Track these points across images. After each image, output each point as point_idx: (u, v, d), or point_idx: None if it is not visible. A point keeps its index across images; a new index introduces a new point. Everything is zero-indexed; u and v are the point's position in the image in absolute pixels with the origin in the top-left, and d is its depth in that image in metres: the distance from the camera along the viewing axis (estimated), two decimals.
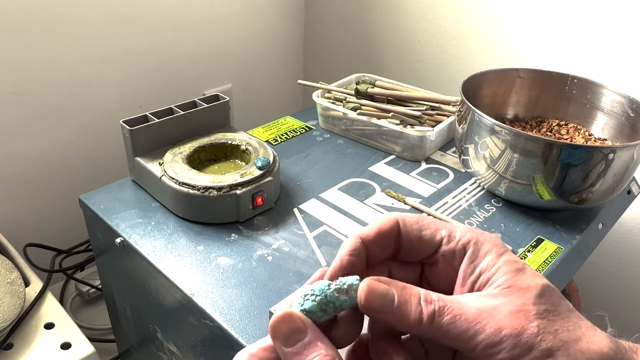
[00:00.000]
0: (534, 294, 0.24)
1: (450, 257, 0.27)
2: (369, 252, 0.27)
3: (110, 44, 0.97)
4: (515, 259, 0.26)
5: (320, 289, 0.25)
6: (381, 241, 0.27)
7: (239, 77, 1.24)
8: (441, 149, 0.85)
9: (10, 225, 0.93)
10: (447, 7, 1.06)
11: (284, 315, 0.23)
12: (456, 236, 0.27)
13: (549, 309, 0.24)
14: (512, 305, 0.23)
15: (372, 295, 0.24)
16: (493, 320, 0.23)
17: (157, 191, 0.69)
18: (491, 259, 0.25)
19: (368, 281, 0.24)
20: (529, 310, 0.23)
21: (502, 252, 0.26)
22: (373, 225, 0.27)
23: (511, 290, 0.24)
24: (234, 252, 0.62)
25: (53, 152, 0.96)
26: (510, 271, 0.25)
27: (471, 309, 0.24)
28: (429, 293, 0.25)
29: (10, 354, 0.63)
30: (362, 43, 1.25)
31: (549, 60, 0.96)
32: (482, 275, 0.25)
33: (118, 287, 0.74)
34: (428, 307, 0.24)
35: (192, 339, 0.60)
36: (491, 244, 0.26)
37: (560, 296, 0.25)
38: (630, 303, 1.03)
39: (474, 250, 0.26)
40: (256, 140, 0.74)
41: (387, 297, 0.24)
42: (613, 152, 0.61)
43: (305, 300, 0.25)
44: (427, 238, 0.27)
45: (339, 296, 0.25)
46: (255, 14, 1.20)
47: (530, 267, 0.26)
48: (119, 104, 1.02)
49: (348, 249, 0.27)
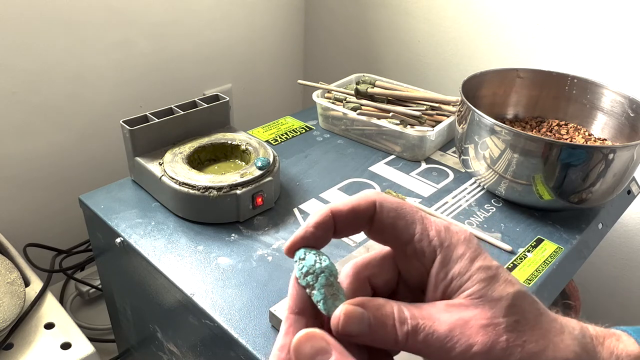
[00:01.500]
0: (504, 305, 0.24)
1: (420, 255, 0.26)
2: (337, 226, 0.26)
3: (110, 44, 0.97)
4: (488, 264, 0.25)
5: (318, 293, 0.25)
6: (353, 219, 0.26)
7: (239, 77, 1.24)
8: (441, 149, 0.85)
9: (10, 225, 0.93)
10: (447, 7, 1.06)
11: (306, 336, 0.23)
12: (429, 234, 0.26)
13: (519, 319, 0.24)
14: (482, 319, 0.24)
15: (349, 323, 0.24)
16: (464, 337, 0.23)
17: (157, 191, 0.69)
18: (463, 265, 0.25)
19: (344, 308, 0.24)
20: (499, 324, 0.24)
21: (476, 256, 0.25)
22: (349, 200, 0.26)
23: (482, 301, 0.24)
24: (234, 252, 0.62)
25: (53, 152, 0.96)
26: (483, 279, 0.24)
27: (443, 324, 0.24)
28: (402, 310, 0.24)
29: (10, 354, 0.63)
30: (362, 43, 1.25)
31: (549, 60, 0.96)
32: (454, 281, 0.25)
33: (118, 287, 0.74)
34: (402, 328, 0.24)
35: (192, 339, 0.60)
36: (464, 248, 0.25)
37: (532, 301, 0.25)
38: (630, 303, 1.03)
39: (446, 254, 0.25)
40: (256, 140, 0.74)
41: (362, 322, 0.24)
42: (613, 152, 0.61)
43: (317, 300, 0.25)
44: (400, 229, 0.26)
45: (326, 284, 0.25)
46: (255, 14, 1.20)
47: (504, 272, 0.25)
48: (119, 104, 1.02)
49: (315, 221, 0.26)
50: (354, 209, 0.26)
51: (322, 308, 0.25)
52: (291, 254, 0.26)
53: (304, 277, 0.25)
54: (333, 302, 0.25)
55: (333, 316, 0.24)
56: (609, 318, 1.10)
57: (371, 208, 0.26)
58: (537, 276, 0.60)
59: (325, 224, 0.26)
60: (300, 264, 0.26)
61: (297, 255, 0.26)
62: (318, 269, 0.25)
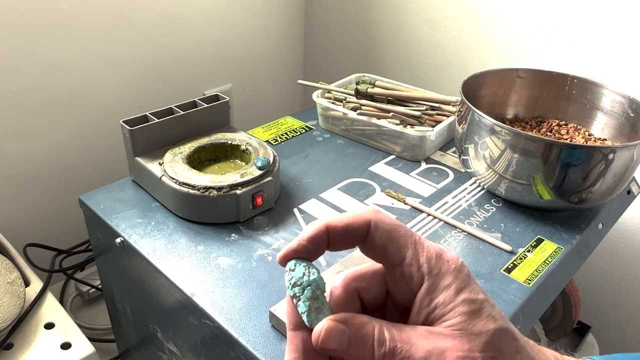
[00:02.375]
0: (483, 340, 0.24)
1: (408, 278, 0.26)
2: (330, 241, 0.27)
3: (110, 44, 0.97)
4: (473, 298, 0.25)
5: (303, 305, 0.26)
6: (346, 236, 0.27)
7: (239, 77, 1.24)
8: (441, 149, 0.85)
9: (10, 225, 0.93)
10: (447, 7, 1.06)
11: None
12: (419, 260, 0.26)
13: (495, 356, 0.24)
14: (459, 351, 0.24)
15: (328, 338, 0.25)
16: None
17: (157, 191, 0.69)
18: (448, 295, 0.25)
19: (326, 323, 0.25)
20: (474, 358, 0.24)
21: (462, 288, 0.25)
22: (345, 217, 0.27)
23: (462, 334, 0.24)
24: (234, 252, 0.62)
25: (53, 152, 0.96)
26: (465, 313, 0.25)
27: (420, 350, 0.24)
28: (382, 331, 0.25)
29: (10, 354, 0.63)
30: (362, 43, 1.25)
31: (549, 60, 0.96)
32: (437, 309, 0.25)
33: (118, 287, 0.74)
34: (380, 350, 0.25)
35: (192, 339, 0.60)
36: (452, 278, 0.25)
37: (511, 339, 0.25)
38: (630, 303, 1.03)
39: (433, 282, 0.26)
40: (256, 140, 0.74)
41: (342, 339, 0.25)
42: (613, 152, 0.61)
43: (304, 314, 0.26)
44: (391, 251, 0.26)
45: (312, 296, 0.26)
46: (255, 14, 1.20)
47: (488, 306, 0.25)
48: (119, 104, 1.02)
49: (308, 235, 0.26)
50: (349, 227, 0.26)
51: (305, 320, 0.26)
52: (283, 264, 0.27)
53: (291, 288, 0.26)
54: (317, 316, 0.26)
55: (314, 330, 0.25)
56: (609, 318, 1.11)
57: (365, 227, 0.26)
58: (537, 276, 0.60)
59: (319, 238, 0.26)
60: (289, 275, 0.26)
61: (288, 266, 0.27)
62: (305, 281, 0.26)
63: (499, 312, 0.26)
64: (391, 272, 0.27)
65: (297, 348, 0.26)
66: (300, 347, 0.26)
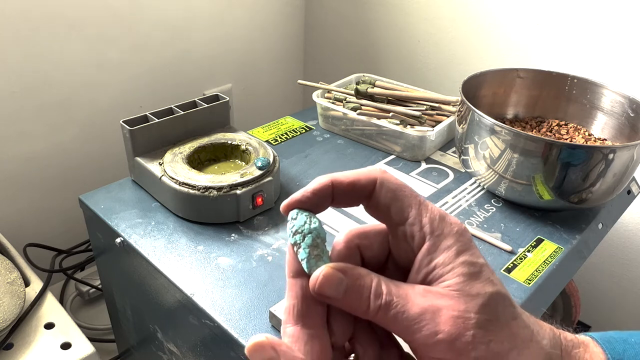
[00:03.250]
0: (479, 302, 0.24)
1: (410, 238, 0.26)
2: (335, 197, 0.27)
3: (110, 44, 0.97)
4: (473, 260, 0.25)
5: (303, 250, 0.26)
6: (351, 192, 0.27)
7: (239, 77, 1.24)
8: (441, 149, 0.85)
9: (10, 225, 0.93)
10: (446, 8, 1.06)
11: (254, 346, 0.23)
12: (422, 220, 0.26)
13: (490, 318, 0.24)
14: (454, 311, 0.24)
15: (326, 284, 0.25)
16: (432, 323, 0.24)
17: (157, 191, 0.69)
18: (448, 256, 0.25)
19: (325, 269, 0.25)
20: (470, 318, 0.24)
21: (463, 250, 0.25)
22: (351, 173, 0.27)
23: (459, 295, 0.24)
24: (234, 252, 0.62)
25: (53, 152, 0.96)
26: (464, 274, 0.25)
27: (415, 307, 0.24)
28: (380, 284, 0.25)
29: (10, 354, 0.64)
30: (362, 43, 1.25)
31: (549, 60, 0.96)
32: (436, 270, 0.25)
33: (118, 287, 0.74)
34: (376, 302, 0.25)
35: (192, 339, 0.60)
36: (453, 240, 0.25)
37: (508, 304, 0.25)
38: (630, 303, 1.03)
39: (434, 242, 0.26)
40: (256, 140, 0.74)
41: (340, 287, 0.25)
42: (613, 152, 0.61)
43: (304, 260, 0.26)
44: (395, 210, 0.26)
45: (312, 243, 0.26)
46: (255, 14, 1.20)
47: (487, 270, 0.26)
48: (119, 104, 1.02)
49: (313, 188, 0.27)
50: (354, 183, 0.26)
51: (305, 267, 0.26)
52: (286, 213, 0.27)
53: (292, 235, 0.26)
54: (316, 262, 0.26)
55: (312, 276, 0.25)
56: (609, 318, 1.11)
57: (371, 185, 0.26)
58: (537, 276, 0.60)
59: (323, 191, 0.26)
60: (291, 223, 0.27)
61: (290, 215, 0.27)
62: (307, 229, 0.26)
63: (497, 278, 0.26)
64: (394, 231, 0.27)
65: (296, 295, 0.26)
66: (300, 294, 0.26)
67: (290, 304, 0.26)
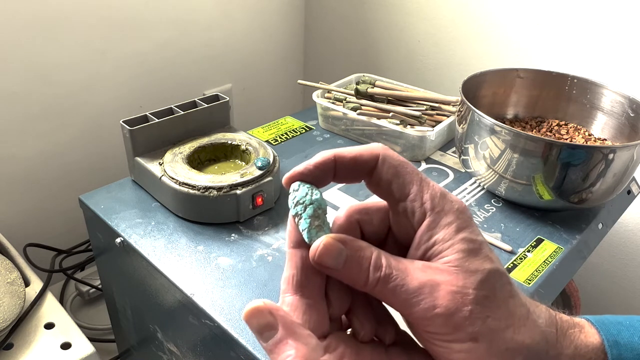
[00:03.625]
0: (478, 278, 0.24)
1: (410, 214, 0.26)
2: (337, 171, 0.27)
3: (110, 44, 0.97)
4: (472, 237, 0.25)
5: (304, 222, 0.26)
6: (353, 167, 0.27)
7: (239, 77, 1.24)
8: (441, 149, 0.85)
9: (10, 225, 0.93)
10: (446, 8, 1.06)
11: (252, 311, 0.23)
12: (423, 196, 0.26)
13: (488, 295, 0.24)
14: (453, 286, 0.24)
15: (325, 254, 0.25)
16: (430, 297, 0.24)
17: (157, 191, 0.69)
18: (448, 233, 0.25)
19: (325, 239, 0.25)
20: (468, 294, 0.24)
21: (463, 228, 0.26)
22: (354, 149, 0.27)
23: (458, 270, 0.25)
24: (234, 252, 0.62)
25: (53, 152, 0.96)
26: (463, 250, 0.25)
27: (414, 281, 0.24)
28: (380, 257, 0.25)
29: (10, 354, 0.63)
30: (362, 43, 1.25)
31: (549, 60, 0.96)
32: (436, 246, 0.26)
33: (118, 287, 0.74)
34: (375, 274, 0.25)
35: (192, 339, 0.60)
36: (454, 217, 0.26)
37: (506, 282, 0.26)
38: (630, 303, 1.03)
39: (434, 218, 0.26)
40: (256, 140, 0.74)
41: (339, 257, 0.25)
42: (613, 152, 0.61)
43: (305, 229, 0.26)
44: (396, 186, 0.26)
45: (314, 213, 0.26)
46: (255, 14, 1.20)
47: (486, 248, 0.26)
48: (119, 104, 1.02)
49: (317, 161, 0.27)
50: (356, 158, 0.27)
51: (305, 237, 0.26)
52: (287, 186, 0.27)
53: (294, 206, 0.26)
54: (317, 233, 0.26)
55: (312, 245, 0.25)
56: None
57: (373, 160, 0.27)
58: (537, 276, 0.60)
59: (326, 166, 0.27)
60: (293, 195, 0.27)
61: (292, 187, 0.27)
62: (308, 200, 0.26)
63: (495, 255, 0.26)
64: (394, 207, 0.27)
65: (296, 265, 0.26)
66: (299, 264, 0.26)
67: (290, 274, 0.26)
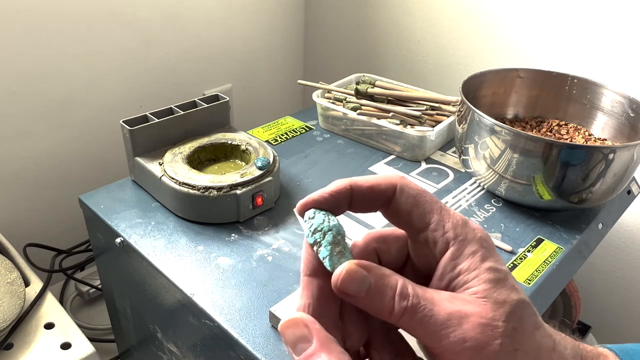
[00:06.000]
0: (507, 310, 0.24)
1: (432, 244, 0.26)
2: (353, 201, 0.26)
3: (110, 43, 0.97)
4: (497, 267, 0.25)
5: (324, 249, 0.25)
6: (370, 197, 0.26)
7: (239, 77, 1.24)
8: (441, 149, 0.85)
9: (10, 225, 0.93)
10: (447, 7, 1.06)
11: (288, 322, 0.23)
12: (445, 225, 0.26)
13: (516, 327, 0.24)
14: (482, 318, 0.24)
15: (348, 281, 0.24)
16: (460, 329, 0.23)
17: (157, 191, 0.69)
18: (473, 262, 0.25)
19: (348, 265, 0.24)
20: (497, 327, 0.23)
21: (487, 257, 0.25)
22: (371, 178, 0.26)
23: (486, 302, 0.24)
24: (234, 252, 0.62)
25: (53, 152, 0.96)
26: (490, 280, 0.24)
27: (442, 311, 0.24)
28: (406, 286, 0.24)
29: (10, 354, 0.63)
30: (362, 43, 1.25)
31: (549, 60, 0.96)
32: (461, 276, 0.25)
33: (118, 287, 0.74)
34: (401, 303, 0.24)
35: (192, 339, 0.60)
36: (477, 246, 0.25)
37: (532, 313, 0.25)
38: (630, 303, 1.03)
39: (458, 247, 0.25)
40: (256, 140, 0.74)
41: (363, 285, 0.24)
42: (613, 152, 0.61)
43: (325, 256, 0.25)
44: (416, 216, 0.26)
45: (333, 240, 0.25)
46: (255, 14, 1.20)
47: (511, 278, 0.25)
48: (119, 104, 1.02)
49: (332, 189, 0.26)
50: (373, 188, 0.26)
51: (327, 265, 0.25)
52: (302, 213, 0.26)
53: (312, 234, 0.26)
54: (339, 259, 0.25)
55: (335, 272, 0.24)
56: (609, 318, 1.10)
57: (391, 190, 0.26)
58: (537, 276, 0.60)
59: (342, 194, 0.26)
60: (309, 223, 0.26)
61: (307, 215, 0.26)
62: (326, 226, 0.25)
63: (519, 286, 0.26)
64: (415, 237, 0.26)
65: (312, 294, 0.26)
66: (316, 294, 0.26)
67: (305, 303, 0.26)
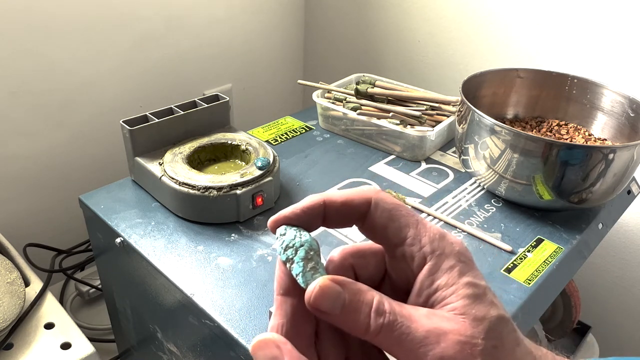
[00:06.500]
0: (486, 327, 0.23)
1: (409, 259, 0.25)
2: (327, 216, 0.26)
3: (110, 44, 0.97)
4: (476, 282, 0.24)
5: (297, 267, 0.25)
6: (344, 212, 0.25)
7: (239, 77, 1.24)
8: (441, 149, 0.85)
9: (10, 225, 0.93)
10: (447, 7, 1.06)
11: (259, 344, 0.23)
12: (421, 240, 0.25)
13: (496, 344, 0.23)
14: (461, 336, 0.23)
15: (322, 297, 0.23)
16: (438, 347, 0.23)
17: (157, 191, 0.69)
18: (451, 277, 0.24)
19: (322, 281, 0.23)
20: (476, 345, 0.23)
21: (465, 271, 0.24)
22: (345, 193, 0.25)
23: (465, 318, 0.23)
24: (234, 252, 0.62)
25: (53, 152, 0.96)
26: (468, 296, 0.24)
27: (420, 328, 0.23)
28: (382, 302, 0.24)
29: (10, 354, 0.64)
30: (362, 43, 1.25)
31: (549, 60, 0.96)
32: (439, 292, 0.24)
33: (118, 287, 0.74)
34: (377, 320, 0.23)
35: (192, 339, 0.60)
36: (455, 260, 0.24)
37: (512, 329, 0.25)
38: (630, 303, 1.03)
39: (435, 262, 0.24)
40: (256, 140, 0.74)
41: (337, 301, 0.23)
42: (613, 152, 0.61)
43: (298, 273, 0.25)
44: (392, 231, 0.25)
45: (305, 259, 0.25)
46: (255, 14, 1.20)
47: (490, 293, 0.25)
48: (119, 104, 1.02)
49: (304, 206, 0.25)
50: (347, 203, 0.25)
51: (300, 281, 0.24)
52: (273, 230, 0.26)
53: (284, 251, 0.25)
54: (312, 275, 0.24)
55: (308, 288, 0.23)
56: (609, 318, 1.11)
57: (365, 205, 0.25)
58: (537, 276, 0.60)
59: (314, 210, 0.25)
60: (280, 240, 0.25)
61: (279, 232, 0.26)
62: (298, 242, 0.25)
63: (499, 301, 0.25)
64: (391, 252, 0.26)
65: (286, 313, 0.25)
66: (289, 313, 0.25)
67: (278, 323, 0.25)
